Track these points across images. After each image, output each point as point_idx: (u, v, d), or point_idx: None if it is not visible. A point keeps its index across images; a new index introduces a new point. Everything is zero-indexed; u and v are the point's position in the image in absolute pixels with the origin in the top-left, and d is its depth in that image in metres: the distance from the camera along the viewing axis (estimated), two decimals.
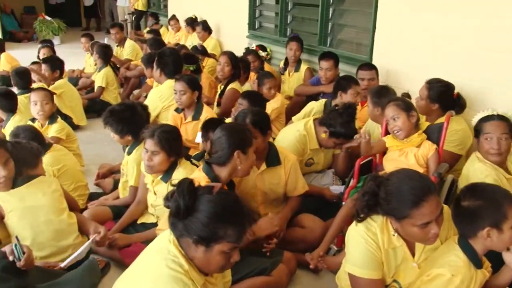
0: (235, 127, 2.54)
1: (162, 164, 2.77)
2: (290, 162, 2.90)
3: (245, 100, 3.50)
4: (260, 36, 6.82)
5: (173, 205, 1.64)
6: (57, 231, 2.58)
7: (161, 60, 4.43)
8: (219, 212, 1.62)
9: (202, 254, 1.64)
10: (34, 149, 2.74)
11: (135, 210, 3.07)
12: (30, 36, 12.56)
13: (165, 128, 2.78)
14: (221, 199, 1.66)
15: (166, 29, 9.70)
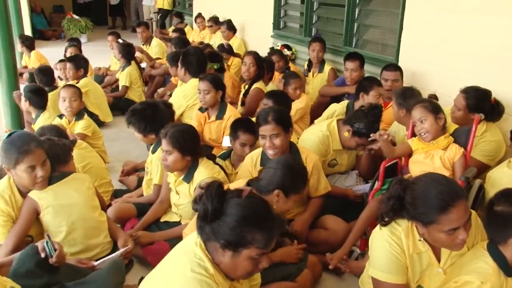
0: (295, 167, 2.43)
1: (177, 163, 2.77)
2: (312, 162, 2.88)
3: (270, 100, 3.50)
4: (285, 36, 6.80)
5: (201, 208, 1.61)
6: (89, 229, 2.61)
7: (185, 59, 4.46)
8: (247, 216, 1.58)
9: (229, 259, 1.60)
10: (66, 146, 2.78)
11: (158, 208, 3.09)
12: (58, 34, 12.81)
13: (178, 128, 2.79)
14: (250, 203, 1.62)
15: (191, 28, 9.77)
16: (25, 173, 2.41)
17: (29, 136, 2.53)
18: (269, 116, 2.80)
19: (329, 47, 5.48)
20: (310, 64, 5.39)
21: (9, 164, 2.41)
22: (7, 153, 2.40)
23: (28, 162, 2.40)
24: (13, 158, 2.38)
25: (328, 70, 5.21)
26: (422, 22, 4.23)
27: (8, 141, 2.43)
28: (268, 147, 2.80)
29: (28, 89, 4.28)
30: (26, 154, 2.38)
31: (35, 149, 2.42)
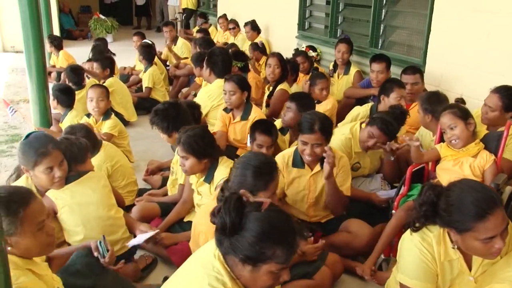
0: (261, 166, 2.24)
1: (194, 167, 2.79)
2: (341, 162, 2.87)
3: (293, 103, 3.47)
4: (310, 36, 6.77)
5: (219, 221, 1.56)
6: (107, 226, 2.63)
7: (210, 59, 4.47)
8: (267, 232, 1.52)
9: (248, 273, 1.55)
10: (83, 145, 2.80)
11: (181, 208, 3.11)
12: (85, 34, 13.03)
13: (190, 133, 2.76)
14: (270, 217, 1.55)
15: (215, 29, 9.80)
16: (43, 174, 2.46)
17: (47, 137, 2.56)
18: (315, 125, 2.74)
19: (355, 48, 5.43)
20: (336, 66, 5.34)
21: (27, 166, 2.46)
22: (25, 155, 2.44)
23: (46, 164, 2.44)
24: (31, 160, 2.42)
25: (354, 72, 5.16)
26: (450, 23, 4.15)
27: (26, 143, 2.47)
28: (308, 155, 2.77)
29: (56, 88, 4.38)
30: (44, 156, 2.43)
31: (53, 151, 2.46)
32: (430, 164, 3.03)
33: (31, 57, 4.63)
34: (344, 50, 5.18)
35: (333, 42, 5.90)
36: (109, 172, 3.35)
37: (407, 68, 4.06)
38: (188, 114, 3.34)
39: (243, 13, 8.72)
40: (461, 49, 4.04)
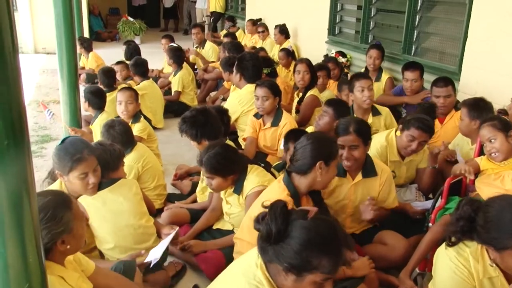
0: (322, 137, 2.47)
1: (221, 185, 2.79)
2: (386, 174, 2.84)
3: (330, 108, 3.43)
4: (340, 42, 6.72)
5: (264, 229, 1.55)
6: (138, 235, 2.64)
7: (241, 64, 4.47)
8: (313, 240, 1.50)
9: (291, 282, 1.53)
10: (117, 152, 2.81)
11: (210, 216, 3.11)
12: (113, 36, 13.21)
13: (211, 153, 2.73)
14: (316, 225, 1.53)
15: (243, 32, 9.82)
16: (77, 179, 2.47)
17: (82, 143, 2.57)
18: (350, 127, 2.75)
19: (386, 55, 5.35)
20: (367, 72, 5.28)
21: (62, 171, 2.47)
22: (60, 160, 2.45)
23: (81, 170, 2.45)
24: (67, 166, 2.43)
25: (386, 79, 5.09)
26: (489, 29, 4.05)
27: (62, 148, 2.48)
28: (346, 158, 2.75)
29: (87, 90, 4.44)
30: (79, 162, 2.44)
31: (88, 157, 2.47)
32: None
33: (63, 58, 4.70)
34: (376, 56, 5.11)
35: (364, 48, 5.85)
36: (140, 172, 3.36)
37: (438, 80, 3.88)
38: (217, 120, 3.33)
39: (271, 17, 8.72)
40: (500, 57, 3.94)
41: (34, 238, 1.44)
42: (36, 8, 10.72)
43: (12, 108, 1.27)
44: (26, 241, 1.41)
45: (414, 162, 3.33)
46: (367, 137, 2.79)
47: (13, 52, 1.25)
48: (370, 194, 2.82)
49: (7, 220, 1.35)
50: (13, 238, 1.38)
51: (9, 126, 1.27)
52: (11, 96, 1.27)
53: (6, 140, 1.27)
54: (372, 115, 3.87)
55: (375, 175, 2.83)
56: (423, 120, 3.06)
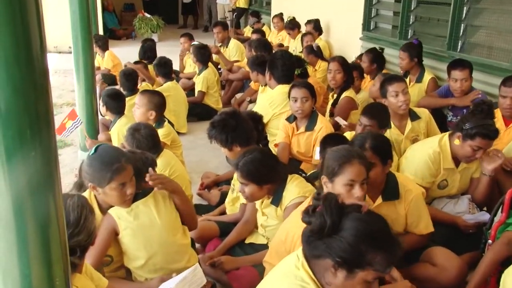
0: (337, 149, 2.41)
1: (255, 194, 2.74)
2: (411, 196, 2.69)
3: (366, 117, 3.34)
4: (376, 38, 6.62)
5: (318, 221, 1.58)
6: (171, 254, 2.57)
7: (272, 63, 4.43)
8: (369, 234, 1.55)
9: (341, 280, 1.56)
10: (149, 160, 2.76)
11: (243, 229, 3.06)
12: (129, 33, 13.33)
13: (249, 158, 2.70)
14: (372, 219, 1.59)
15: (269, 29, 9.80)
16: (114, 191, 2.41)
17: (117, 151, 2.54)
18: (366, 143, 2.65)
19: (430, 52, 5.26)
20: (407, 72, 5.17)
21: (99, 183, 2.41)
22: (97, 172, 2.39)
23: (121, 180, 2.40)
24: (105, 177, 2.38)
25: (428, 79, 4.93)
26: None
27: (97, 158, 2.42)
28: None
29: (105, 94, 4.44)
30: (119, 172, 2.39)
31: (126, 166, 2.43)
32: None
33: (79, 58, 4.74)
34: (402, 57, 5.00)
35: (403, 44, 5.74)
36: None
37: (508, 79, 3.68)
38: (249, 124, 3.29)
39: (299, 12, 8.66)
40: None
41: (61, 258, 1.40)
42: (47, 4, 10.89)
43: (40, 116, 1.24)
44: (53, 261, 1.38)
45: (469, 170, 3.24)
46: (386, 155, 2.68)
47: (41, 53, 1.22)
48: (394, 218, 2.69)
49: (32, 238, 1.31)
50: (39, 257, 1.34)
51: (36, 135, 1.24)
52: (39, 102, 1.23)
53: (33, 151, 1.24)
54: (411, 120, 3.76)
55: (397, 198, 2.70)
56: (488, 127, 2.95)
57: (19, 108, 1.19)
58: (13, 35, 1.13)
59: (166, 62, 5.60)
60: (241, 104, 6.07)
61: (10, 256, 1.31)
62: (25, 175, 1.25)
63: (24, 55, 1.17)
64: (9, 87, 1.16)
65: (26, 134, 1.21)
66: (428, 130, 3.86)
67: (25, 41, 1.16)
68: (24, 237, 1.30)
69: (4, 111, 1.17)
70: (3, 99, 1.16)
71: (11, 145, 1.20)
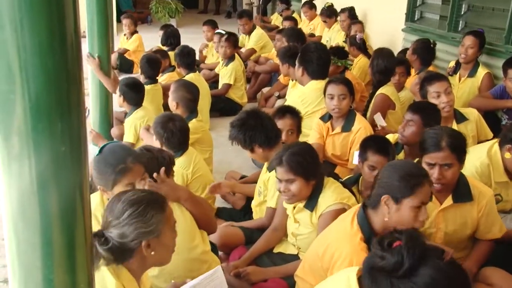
0: (408, 168, 2.33)
1: (302, 192, 2.73)
2: (485, 198, 2.71)
3: (416, 116, 3.33)
4: (421, 30, 6.55)
5: (394, 259, 1.55)
6: (189, 262, 2.59)
7: (304, 56, 4.42)
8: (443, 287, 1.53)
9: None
10: (166, 160, 2.77)
11: (271, 237, 3.08)
12: (144, 17, 13.42)
13: (293, 150, 2.74)
14: (453, 272, 1.55)
15: (299, 16, 9.79)
16: None
17: (124, 150, 2.56)
18: (442, 141, 2.64)
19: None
20: (458, 64, 5.10)
21: (105, 186, 2.46)
22: (102, 174, 2.45)
23: (127, 180, 2.43)
24: (109, 180, 2.43)
25: (483, 75, 4.86)
26: None
27: (101, 159, 2.47)
28: (436, 179, 2.64)
29: (123, 83, 4.47)
30: (124, 173, 2.42)
31: (133, 166, 2.46)
32: None
33: (94, 43, 4.77)
34: (470, 45, 4.90)
35: (452, 37, 5.68)
36: (188, 180, 3.37)
37: None
38: (272, 123, 3.33)
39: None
40: None
41: (86, 263, 1.44)
42: None
43: (72, 108, 1.27)
44: (77, 266, 1.41)
45: None
46: (463, 153, 2.69)
47: (75, 42, 1.25)
48: (464, 222, 2.72)
49: (58, 241, 1.34)
50: (64, 262, 1.38)
51: (67, 129, 1.26)
52: (71, 94, 1.26)
53: (63, 146, 1.26)
54: (457, 123, 3.73)
55: (470, 199, 2.70)
56: None
57: (51, 100, 1.21)
58: (48, 21, 1.16)
59: (189, 52, 5.61)
60: (268, 99, 6.08)
61: (34, 259, 1.34)
62: (53, 172, 1.27)
63: (58, 43, 1.19)
64: (42, 77, 1.18)
65: (57, 128, 1.24)
66: (478, 133, 3.83)
67: (60, 29, 1.19)
68: (49, 240, 1.33)
69: (35, 102, 1.19)
70: (35, 89, 1.18)
71: (41, 138, 1.22)
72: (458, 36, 5.49)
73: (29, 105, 1.18)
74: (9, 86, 1.16)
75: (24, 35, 1.12)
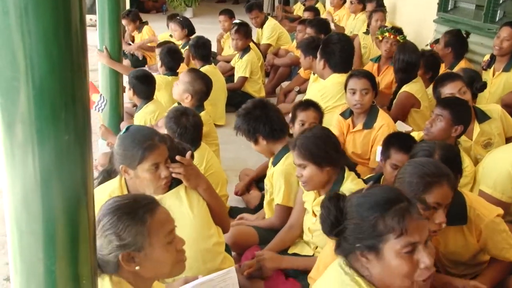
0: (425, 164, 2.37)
1: (315, 178, 2.80)
2: (483, 223, 2.62)
3: (446, 111, 3.34)
4: (454, 20, 6.54)
5: (325, 223, 1.82)
6: (203, 251, 2.67)
7: (326, 48, 4.44)
8: (368, 204, 1.72)
9: (376, 266, 1.68)
10: (186, 152, 2.81)
11: (287, 236, 3.14)
12: (159, 6, 13.56)
13: (307, 134, 2.86)
14: (371, 192, 1.78)
15: (323, 6, 9.81)
16: (147, 172, 2.54)
17: (150, 129, 2.68)
18: (435, 153, 2.66)
19: None
20: (493, 58, 5.09)
21: (131, 163, 2.54)
22: (129, 150, 2.54)
23: (153, 159, 2.53)
24: (136, 156, 2.51)
25: None
26: None
27: (128, 136, 2.58)
28: None
29: (133, 75, 4.56)
30: (152, 150, 2.52)
31: (160, 144, 2.56)
32: None
33: (105, 32, 4.87)
34: (506, 37, 4.87)
35: (489, 29, 5.67)
36: None
37: None
38: (279, 115, 3.41)
39: None
40: None
41: (89, 256, 1.50)
42: None
43: (76, 97, 1.34)
44: (80, 258, 1.47)
45: None
46: (457, 169, 2.66)
47: (80, 29, 1.31)
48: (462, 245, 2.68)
49: (60, 232, 1.40)
50: (66, 253, 1.44)
51: (71, 118, 1.33)
52: (76, 82, 1.33)
53: (66, 135, 1.33)
54: (479, 122, 3.73)
55: (463, 223, 2.62)
56: None
57: (55, 87, 1.28)
58: (54, 8, 1.22)
59: (204, 43, 5.70)
60: (287, 94, 6.12)
61: (36, 250, 1.41)
62: (56, 161, 1.34)
63: (63, 30, 1.25)
64: (46, 64, 1.24)
65: (61, 116, 1.31)
66: (505, 130, 3.83)
67: (65, 16, 1.25)
68: (52, 230, 1.39)
69: (39, 89, 1.26)
70: (39, 76, 1.25)
71: (44, 126, 1.29)
72: (495, 27, 5.49)
73: (33, 92, 1.24)
74: (13, 73, 1.22)
75: (29, 21, 1.18)
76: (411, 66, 4.66)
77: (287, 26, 8.53)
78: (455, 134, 3.28)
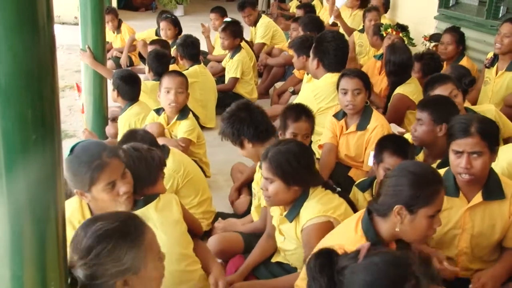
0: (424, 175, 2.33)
1: (280, 195, 2.74)
2: None
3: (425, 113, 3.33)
4: (455, 17, 6.58)
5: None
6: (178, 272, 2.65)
7: (320, 47, 4.46)
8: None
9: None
10: (156, 161, 2.80)
11: (266, 246, 3.12)
12: (149, 3, 13.49)
13: (282, 148, 2.75)
14: (373, 266, 1.68)
15: (320, 3, 9.85)
16: (104, 193, 2.46)
17: (97, 145, 2.57)
18: (471, 126, 2.67)
19: None
20: (497, 56, 5.12)
21: (82, 187, 2.46)
22: (76, 174, 2.43)
23: (106, 179, 2.43)
24: (86, 179, 2.41)
25: None
26: None
27: (73, 159, 2.43)
28: (464, 169, 2.68)
29: (117, 76, 4.56)
30: (101, 170, 2.41)
31: (110, 160, 2.46)
32: None
33: (87, 31, 4.87)
34: (506, 33, 4.91)
35: (492, 25, 5.69)
36: (179, 185, 3.45)
37: None
38: (265, 117, 3.41)
39: None
40: None
41: (57, 261, 1.52)
42: None
43: (43, 95, 1.36)
44: (47, 263, 1.49)
45: None
46: (495, 142, 2.71)
47: (47, 25, 1.35)
48: (493, 224, 2.74)
49: (27, 236, 1.43)
50: (33, 258, 1.47)
51: (39, 117, 1.36)
52: (43, 80, 1.36)
53: (34, 134, 1.36)
54: None
55: (501, 197, 2.72)
56: None
57: (20, 85, 1.31)
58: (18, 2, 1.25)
59: (193, 42, 5.69)
60: (281, 95, 6.13)
61: (2, 255, 1.44)
62: (23, 162, 1.37)
63: (29, 26, 1.28)
64: (10, 61, 1.27)
65: (27, 115, 1.34)
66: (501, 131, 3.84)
67: (30, 11, 1.28)
68: (19, 233, 1.43)
69: (4, 88, 1.29)
70: (3, 74, 1.28)
71: (10, 126, 1.32)
72: (498, 24, 5.50)
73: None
74: None
75: None
76: (403, 68, 4.70)
77: (282, 24, 8.53)
78: (442, 133, 3.25)
